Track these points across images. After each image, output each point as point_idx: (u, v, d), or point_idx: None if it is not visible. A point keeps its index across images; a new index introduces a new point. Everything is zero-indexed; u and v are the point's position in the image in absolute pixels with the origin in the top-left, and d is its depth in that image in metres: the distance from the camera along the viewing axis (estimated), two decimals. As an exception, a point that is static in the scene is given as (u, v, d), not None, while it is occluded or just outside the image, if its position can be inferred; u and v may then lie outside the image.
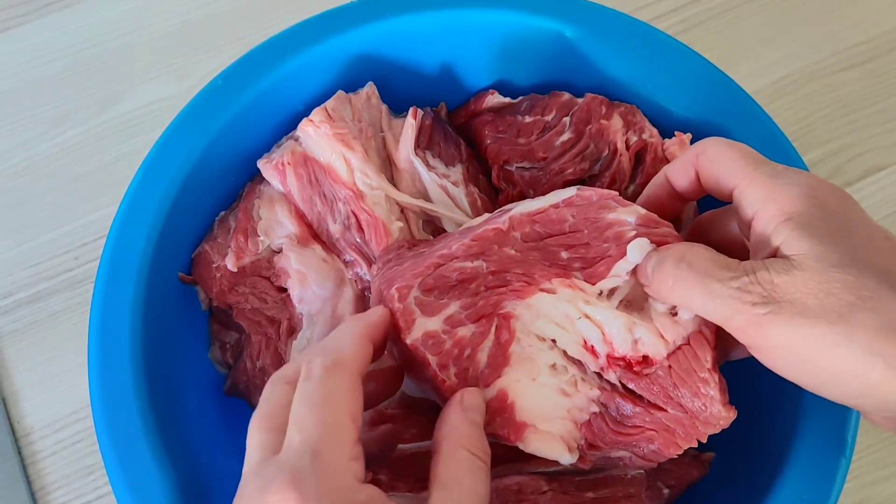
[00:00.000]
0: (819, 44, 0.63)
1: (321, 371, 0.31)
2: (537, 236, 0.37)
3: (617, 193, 0.37)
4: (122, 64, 0.62)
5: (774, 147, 0.44)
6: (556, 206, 0.37)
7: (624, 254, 0.35)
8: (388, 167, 0.46)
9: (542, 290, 0.36)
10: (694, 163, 0.35)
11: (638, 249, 0.35)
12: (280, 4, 0.63)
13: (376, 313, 0.35)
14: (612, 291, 0.36)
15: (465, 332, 0.35)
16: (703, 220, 0.39)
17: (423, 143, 0.46)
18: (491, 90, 0.49)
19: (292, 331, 0.44)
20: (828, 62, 0.62)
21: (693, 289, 0.32)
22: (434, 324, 0.35)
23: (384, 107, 0.48)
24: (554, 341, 0.36)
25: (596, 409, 0.36)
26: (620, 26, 0.47)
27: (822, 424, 0.38)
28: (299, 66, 0.46)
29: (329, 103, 0.45)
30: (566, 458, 0.36)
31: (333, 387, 0.31)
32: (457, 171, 0.46)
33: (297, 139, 0.45)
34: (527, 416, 0.35)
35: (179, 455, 0.40)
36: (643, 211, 0.36)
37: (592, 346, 0.36)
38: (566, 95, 0.47)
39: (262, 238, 0.44)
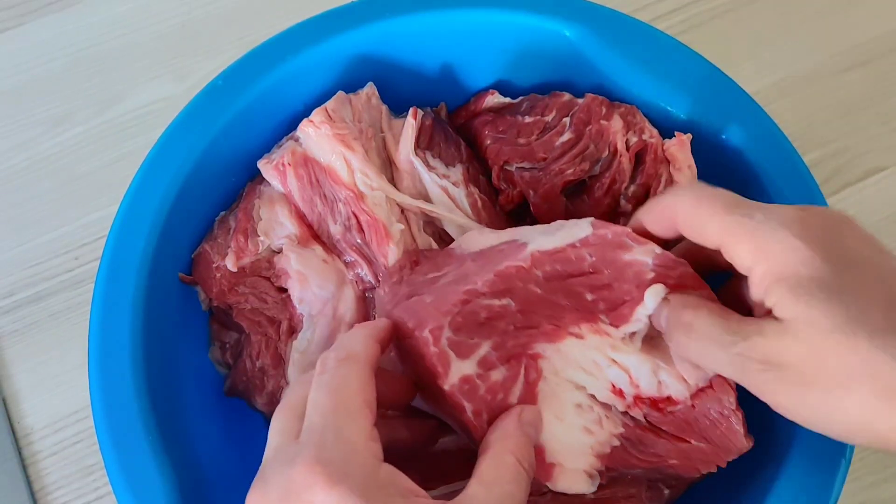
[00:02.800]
0: (819, 45, 0.63)
1: (334, 363, 0.32)
2: (560, 275, 0.36)
3: (630, 230, 0.36)
4: (122, 64, 0.62)
5: (775, 147, 0.44)
6: (573, 246, 0.36)
7: (643, 298, 0.36)
8: (389, 168, 0.46)
9: (571, 334, 0.37)
10: (672, 221, 0.35)
11: (653, 298, 0.35)
12: (280, 4, 0.63)
13: (383, 322, 0.36)
14: (633, 334, 0.37)
15: (497, 375, 0.36)
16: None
17: (424, 144, 0.46)
18: (491, 90, 0.49)
19: (292, 331, 0.44)
20: (828, 63, 0.62)
21: (703, 357, 0.33)
22: (469, 367, 0.35)
23: (384, 107, 0.48)
24: (584, 386, 0.37)
25: (617, 442, 0.37)
26: (621, 26, 0.47)
27: (822, 425, 0.38)
28: (299, 66, 0.46)
29: (329, 104, 0.45)
30: (589, 489, 0.37)
31: (347, 374, 0.32)
32: (457, 172, 0.46)
33: (297, 140, 0.45)
34: (555, 457, 0.36)
35: (179, 455, 0.40)
36: (659, 250, 0.36)
37: (620, 389, 0.37)
38: (566, 96, 0.47)
39: (262, 238, 0.44)
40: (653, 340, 0.37)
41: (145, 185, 0.43)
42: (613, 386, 0.37)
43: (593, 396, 0.37)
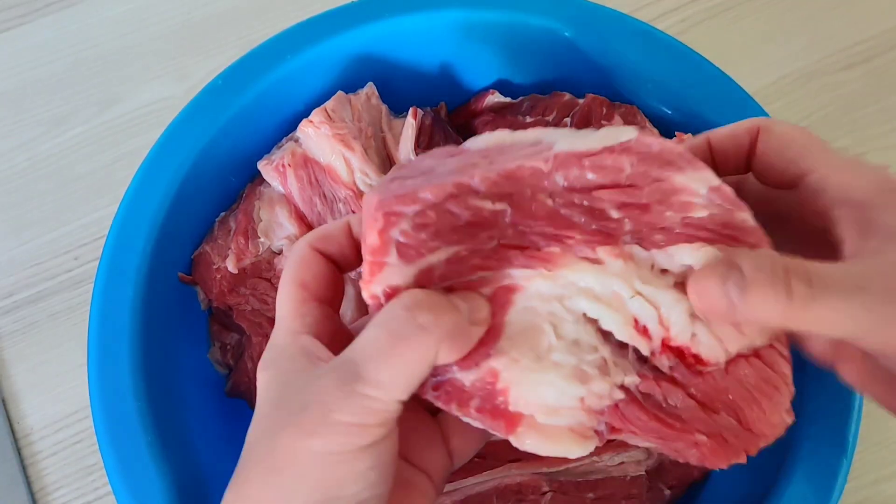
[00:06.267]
0: (819, 43, 0.63)
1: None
2: (586, 185, 0.29)
3: (682, 148, 0.30)
4: (122, 64, 0.62)
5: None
6: (611, 150, 0.29)
7: (689, 238, 0.29)
8: (389, 167, 0.46)
9: (584, 258, 0.29)
10: (750, 137, 0.32)
11: (700, 258, 0.29)
12: (280, 4, 0.63)
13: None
14: (665, 271, 0.30)
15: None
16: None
17: (424, 143, 0.46)
18: (491, 90, 0.49)
19: (292, 331, 0.43)
20: (828, 61, 0.62)
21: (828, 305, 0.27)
22: (402, 276, 0.28)
23: (384, 107, 0.48)
24: (595, 320, 0.30)
25: (622, 396, 0.30)
26: (621, 26, 0.47)
27: (823, 424, 0.38)
28: (299, 66, 0.46)
29: (329, 104, 0.45)
30: (576, 453, 0.29)
31: (289, 260, 0.31)
32: (457, 171, 0.46)
33: (297, 140, 0.45)
34: (523, 405, 0.29)
35: (179, 455, 0.40)
36: (716, 181, 0.29)
37: (645, 327, 0.30)
38: (567, 96, 0.47)
39: (262, 240, 0.44)
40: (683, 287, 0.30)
41: (145, 185, 0.43)
42: (637, 322, 0.30)
43: (607, 334, 0.30)
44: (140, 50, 0.63)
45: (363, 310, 0.43)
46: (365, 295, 0.28)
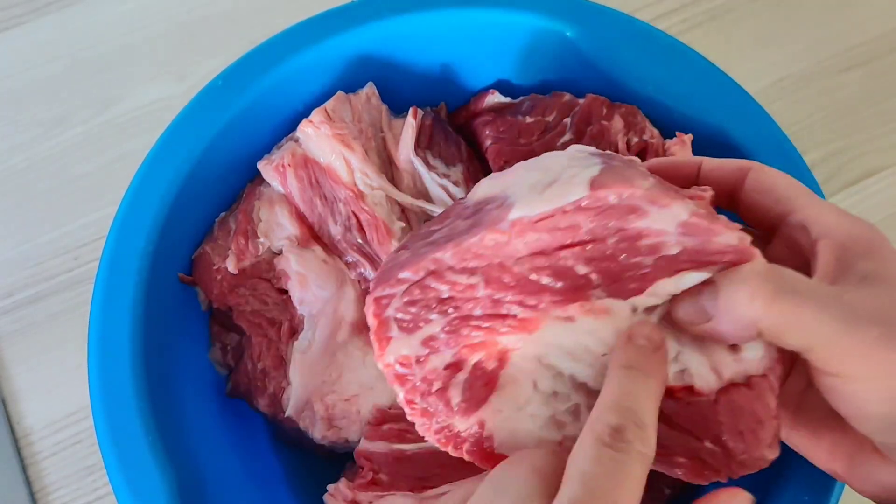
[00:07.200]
0: (819, 45, 0.63)
1: None
2: (546, 248, 0.29)
3: (642, 190, 0.29)
4: (122, 64, 0.62)
5: (776, 147, 0.44)
6: (563, 211, 0.29)
7: (666, 273, 0.29)
8: (389, 167, 0.46)
9: (556, 318, 0.31)
10: (740, 174, 0.34)
11: (690, 280, 0.30)
12: (280, 4, 0.63)
13: None
14: (649, 309, 0.31)
15: (437, 361, 0.31)
16: None
17: (424, 143, 0.46)
18: (491, 90, 0.49)
19: (293, 332, 0.43)
20: (828, 63, 0.62)
21: (803, 307, 0.28)
22: (409, 346, 0.31)
23: (384, 107, 0.48)
24: (571, 376, 0.32)
25: None
26: (621, 26, 0.47)
27: (822, 425, 0.38)
28: (299, 66, 0.46)
29: (329, 104, 0.45)
30: None
31: None
32: (457, 171, 0.46)
33: (296, 140, 0.45)
34: (506, 449, 0.32)
35: (179, 455, 0.40)
36: (684, 215, 0.28)
37: None
38: (567, 96, 0.47)
39: (262, 240, 0.44)
40: (673, 322, 0.31)
41: (145, 185, 0.43)
42: None
43: (582, 385, 0.32)
44: (140, 50, 0.63)
45: (363, 311, 0.43)
46: (380, 366, 0.31)
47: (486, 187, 0.33)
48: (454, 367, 0.31)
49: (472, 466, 0.33)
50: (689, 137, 0.45)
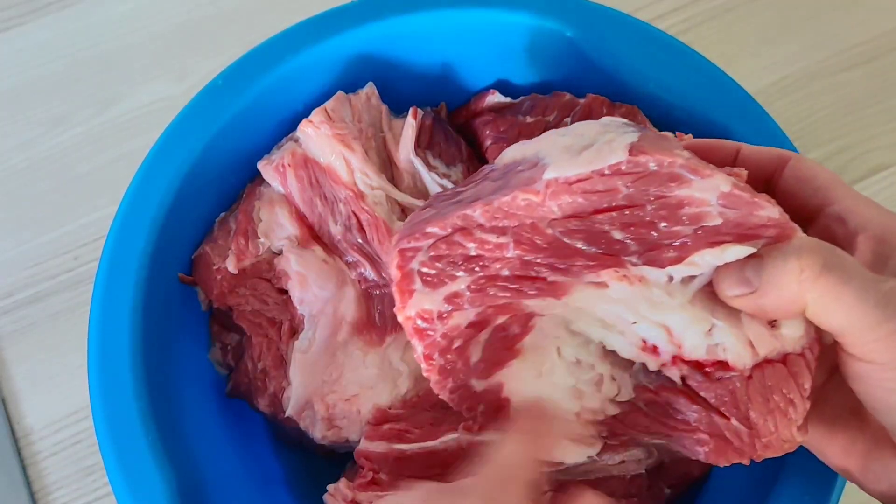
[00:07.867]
0: (821, 43, 0.63)
1: None
2: (581, 211, 0.28)
3: (682, 159, 0.28)
4: (122, 64, 0.62)
5: (777, 147, 0.44)
6: (601, 173, 0.28)
7: (707, 244, 0.29)
8: (389, 167, 0.46)
9: (589, 283, 0.30)
10: (779, 163, 0.33)
11: (735, 256, 0.29)
12: (280, 4, 0.63)
13: None
14: (688, 279, 0.30)
15: (460, 318, 0.30)
16: None
17: (424, 143, 0.46)
18: (491, 90, 0.49)
19: (294, 332, 0.43)
20: (829, 62, 0.62)
21: (844, 291, 0.27)
22: (432, 301, 0.30)
23: (384, 107, 0.48)
24: (599, 343, 0.31)
25: (616, 411, 0.32)
26: (621, 26, 0.47)
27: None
28: (299, 66, 0.46)
29: (329, 104, 0.45)
30: (573, 458, 0.32)
31: None
32: (457, 171, 0.46)
33: (296, 140, 0.45)
34: (521, 415, 0.32)
35: (179, 455, 0.40)
36: (727, 186, 0.28)
37: (654, 346, 0.31)
38: (567, 96, 0.47)
39: (262, 240, 0.44)
40: (710, 297, 0.30)
41: (145, 185, 0.43)
42: (644, 343, 0.31)
43: (610, 353, 0.31)
44: (140, 50, 0.63)
45: (364, 310, 0.43)
46: (400, 318, 0.30)
47: (516, 151, 0.32)
48: (477, 325, 0.30)
49: (472, 467, 0.33)
50: (688, 137, 0.45)
